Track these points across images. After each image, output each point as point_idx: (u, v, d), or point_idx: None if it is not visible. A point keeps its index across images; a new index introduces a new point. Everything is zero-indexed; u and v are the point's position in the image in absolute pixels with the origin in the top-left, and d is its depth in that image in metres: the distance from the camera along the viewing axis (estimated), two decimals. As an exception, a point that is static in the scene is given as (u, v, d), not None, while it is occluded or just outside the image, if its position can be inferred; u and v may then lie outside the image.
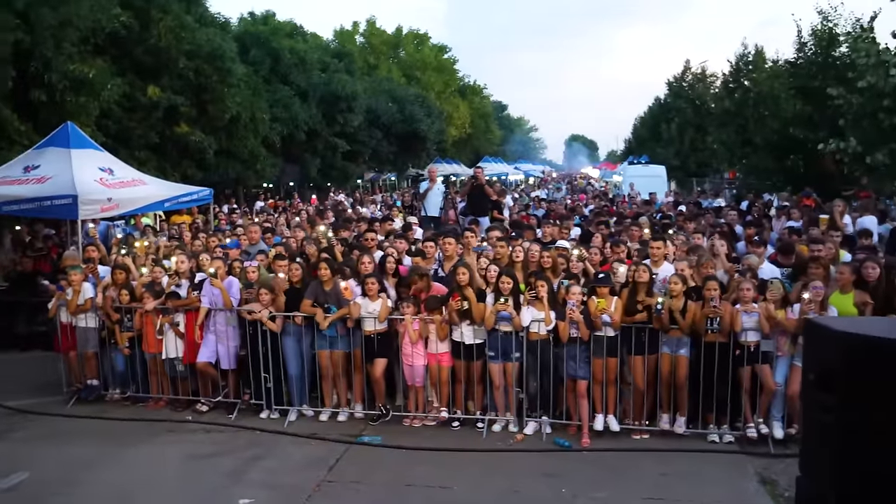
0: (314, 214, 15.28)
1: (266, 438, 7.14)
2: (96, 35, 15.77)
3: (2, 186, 10.51)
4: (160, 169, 17.81)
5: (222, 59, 20.56)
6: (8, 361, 10.18)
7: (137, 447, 6.96)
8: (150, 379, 8.10)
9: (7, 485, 6.07)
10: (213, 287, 7.65)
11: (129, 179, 11.80)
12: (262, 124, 24.01)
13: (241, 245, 9.61)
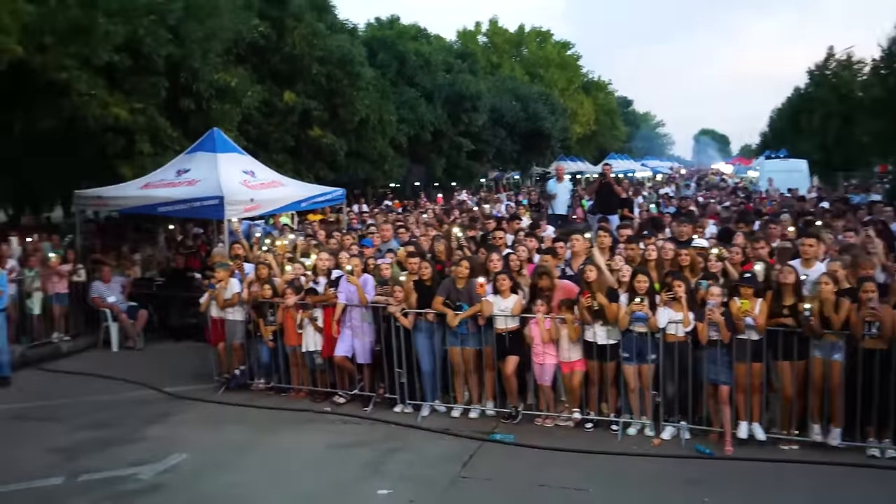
0: (441, 213, 15.50)
1: (401, 432, 7.31)
2: (238, 46, 16.75)
3: (158, 189, 11.38)
4: (295, 170, 18.67)
5: (352, 64, 21.28)
6: (163, 351, 10.99)
7: (282, 434, 7.32)
8: (292, 370, 8.49)
9: (166, 465, 6.55)
10: (350, 284, 7.91)
11: (268, 181, 12.44)
12: (390, 126, 24.64)
13: (374, 243, 9.89)
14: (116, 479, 6.26)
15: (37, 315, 10.75)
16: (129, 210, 12.41)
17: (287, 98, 19.10)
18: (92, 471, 6.45)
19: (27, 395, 8.82)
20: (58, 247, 11.88)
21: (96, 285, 11.19)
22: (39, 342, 10.74)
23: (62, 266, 10.97)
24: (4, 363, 9.34)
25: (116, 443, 7.17)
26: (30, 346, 10.55)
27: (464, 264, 7.69)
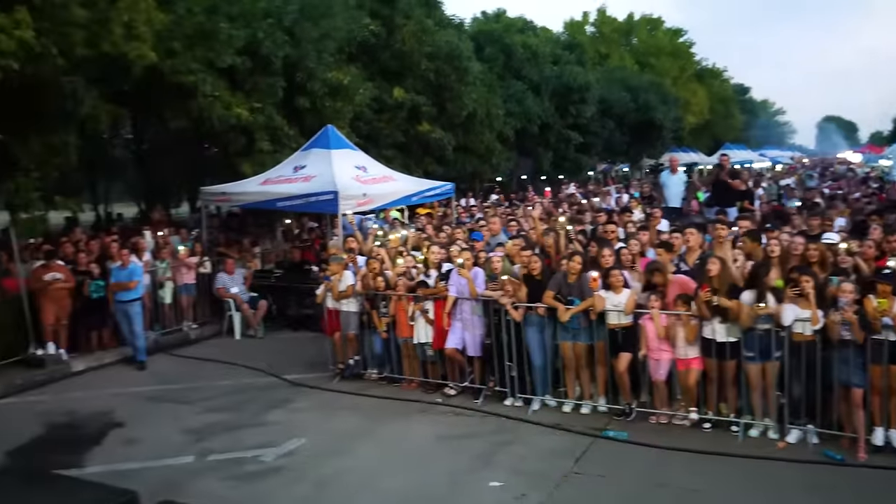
0: (550, 206, 15.35)
1: (511, 425, 7.31)
2: (349, 45, 17.18)
3: (276, 185, 11.88)
4: (405, 165, 18.98)
5: (459, 59, 21.38)
6: (282, 340, 11.46)
7: (394, 424, 7.48)
8: (404, 361, 8.65)
9: (286, 449, 6.84)
10: (461, 277, 7.97)
11: (380, 176, 12.73)
12: (497, 119, 24.61)
13: (484, 237, 9.92)
14: (241, 461, 6.60)
15: (168, 304, 11.46)
16: (250, 205, 13.02)
17: (397, 94, 19.43)
18: (219, 451, 6.83)
19: (160, 379, 9.43)
20: (186, 240, 12.60)
21: (221, 277, 11.81)
22: (170, 329, 11.46)
23: (190, 258, 11.65)
24: (141, 348, 10.03)
25: (240, 426, 7.55)
26: (162, 333, 11.26)
27: (576, 259, 7.60)
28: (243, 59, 13.16)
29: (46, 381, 9.38)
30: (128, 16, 9.62)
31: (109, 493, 4.69)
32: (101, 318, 10.44)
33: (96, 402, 8.47)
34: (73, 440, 7.35)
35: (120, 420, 7.86)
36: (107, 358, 10.30)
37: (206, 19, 12.31)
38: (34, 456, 6.97)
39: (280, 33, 13.88)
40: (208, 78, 12.49)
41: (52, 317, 9.82)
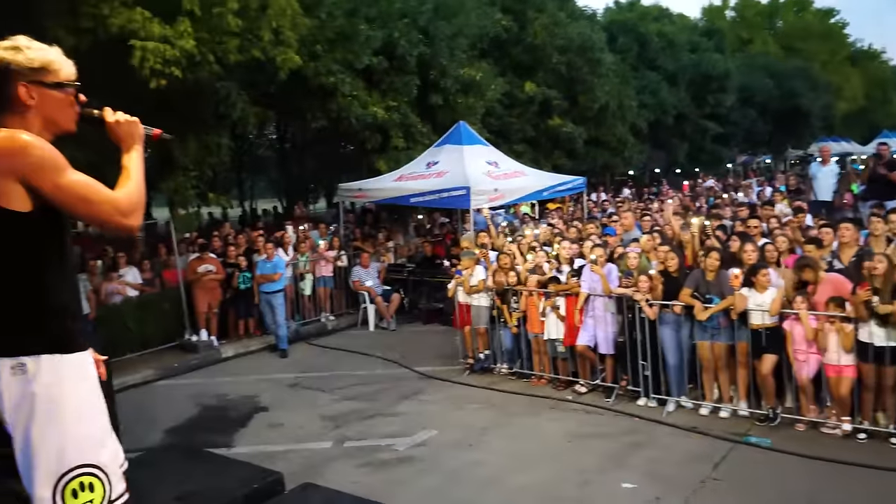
0: (687, 201, 14.78)
1: (644, 426, 7.12)
2: (481, 40, 17.29)
3: (410, 181, 12.16)
4: (534, 160, 18.88)
5: (592, 51, 21.00)
6: (413, 332, 11.73)
7: (524, 419, 7.47)
8: (534, 357, 8.62)
9: (418, 439, 7.00)
10: (594, 273, 7.84)
11: (511, 171, 12.75)
12: (630, 111, 23.98)
13: (617, 232, 9.70)
14: (375, 448, 6.81)
15: (307, 296, 12.02)
16: (385, 201, 13.41)
17: (528, 89, 19.37)
18: (354, 438, 7.09)
19: (300, 367, 9.92)
20: (324, 235, 13.16)
21: (356, 270, 12.25)
22: (309, 320, 12.01)
23: (329, 252, 12.16)
24: (283, 337, 10.59)
25: (374, 415, 7.80)
26: (302, 323, 11.83)
27: (713, 255, 7.28)
28: (380, 59, 13.56)
29: (199, 365, 10.12)
30: (276, 23, 10.16)
31: (257, 472, 5.00)
32: (248, 308, 11.13)
33: (243, 387, 9.03)
34: (223, 421, 7.87)
35: (264, 404, 8.34)
36: (252, 345, 10.97)
37: (347, 22, 12.79)
38: (190, 434, 7.52)
39: (415, 32, 14.19)
40: (347, 78, 12.97)
41: (205, 306, 10.58)
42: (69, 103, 2.49)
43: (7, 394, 2.36)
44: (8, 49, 2.36)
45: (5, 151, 2.26)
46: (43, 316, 2.42)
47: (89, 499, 2.42)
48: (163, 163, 11.05)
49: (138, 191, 2.49)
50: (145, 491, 4.46)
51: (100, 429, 2.51)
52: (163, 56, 8.61)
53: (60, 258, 2.50)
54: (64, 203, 2.35)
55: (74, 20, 8.50)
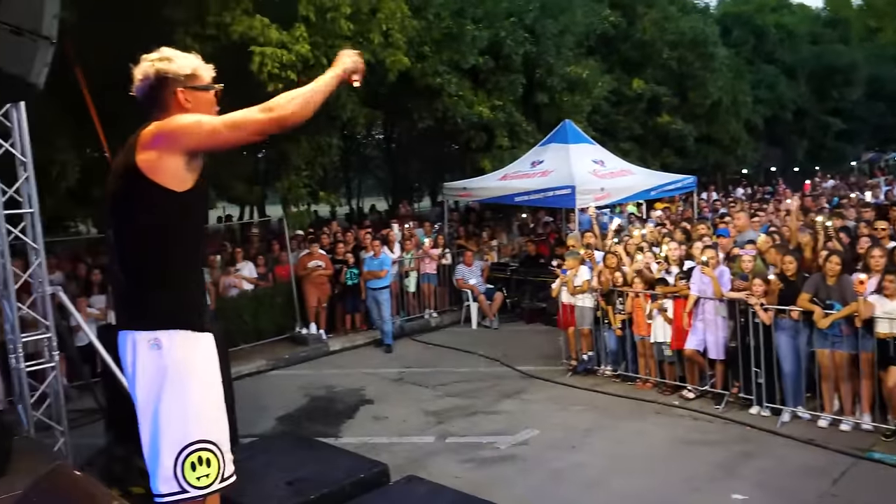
0: (808, 201, 14.03)
1: (756, 436, 6.82)
2: (588, 38, 17.06)
3: (514, 180, 12.17)
4: (641, 158, 18.47)
5: (704, 45, 20.32)
6: (515, 331, 11.71)
7: (628, 423, 7.32)
8: (639, 360, 8.43)
9: (520, 438, 6.99)
10: (704, 275, 7.58)
11: (618, 170, 12.52)
12: (745, 107, 23.07)
13: (731, 233, 9.34)
14: (477, 445, 6.86)
15: (412, 293, 12.23)
16: (489, 200, 13.46)
17: (636, 86, 18.96)
18: (456, 434, 7.16)
19: (404, 362, 10.11)
20: (429, 233, 13.35)
21: (460, 268, 12.35)
22: (413, 316, 12.21)
23: (433, 250, 12.32)
24: (388, 332, 10.82)
25: (476, 412, 7.84)
26: (406, 319, 12.05)
27: (834, 259, 6.88)
28: (486, 59, 13.64)
29: (308, 357, 10.49)
30: (386, 25, 10.42)
31: (364, 463, 5.15)
32: (355, 303, 11.45)
33: (349, 380, 9.30)
34: (331, 412, 8.14)
35: (370, 397, 8.56)
36: (358, 339, 11.27)
37: (454, 23, 12.93)
38: (300, 423, 7.82)
39: (521, 31, 14.18)
40: (453, 78, 13.12)
41: (315, 300, 10.97)
42: (213, 102, 2.74)
43: (141, 367, 2.58)
44: (162, 60, 2.64)
45: (160, 129, 2.53)
46: (182, 294, 2.65)
47: (205, 473, 2.59)
48: (278, 162, 11.54)
49: (298, 94, 2.56)
50: (259, 474, 4.69)
51: (217, 408, 2.69)
52: (280, 60, 9.01)
53: (198, 242, 2.75)
54: (217, 138, 2.52)
55: (201, 28, 9.03)
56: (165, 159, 2.49)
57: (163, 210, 2.55)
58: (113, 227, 2.70)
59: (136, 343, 2.59)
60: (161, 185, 2.50)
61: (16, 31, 4.14)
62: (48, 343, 5.77)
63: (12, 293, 5.49)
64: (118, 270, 2.69)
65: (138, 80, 2.65)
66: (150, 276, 2.62)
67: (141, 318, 2.61)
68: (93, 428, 6.87)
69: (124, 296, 2.72)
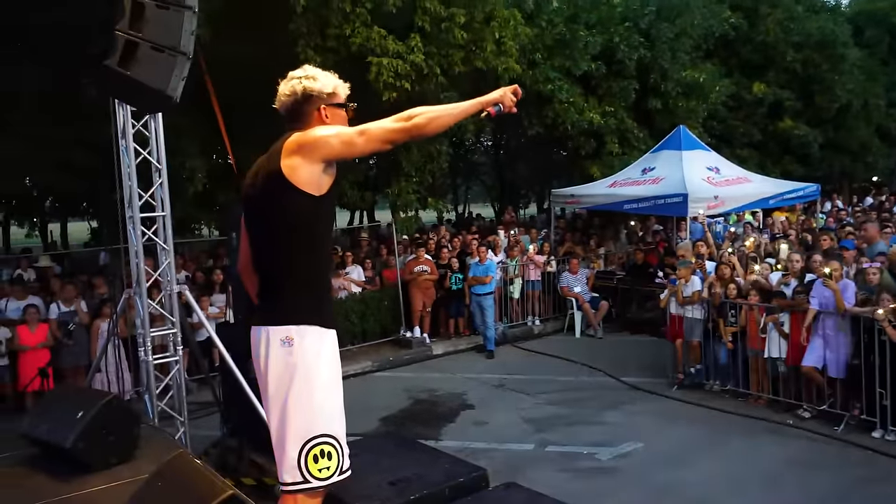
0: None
1: (879, 461, 6.40)
2: (707, 40, 16.51)
3: (625, 187, 11.96)
4: (760, 165, 17.69)
5: (833, 46, 19.22)
6: (620, 342, 11.49)
7: (738, 440, 7.04)
8: (751, 375, 8.09)
9: (622, 451, 6.87)
10: (826, 288, 7.20)
11: (734, 177, 12.07)
12: (877, 111, 21.65)
13: (857, 245, 8.81)
14: (577, 455, 6.79)
15: (515, 299, 12.23)
16: (598, 207, 13.29)
17: (756, 89, 18.18)
18: (556, 444, 7.12)
19: (506, 368, 10.13)
20: (535, 240, 13.31)
21: (565, 276, 12.24)
22: (516, 323, 12.20)
23: (538, 257, 12.28)
24: (490, 338, 10.88)
25: (577, 422, 7.76)
26: (509, 325, 12.06)
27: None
28: (598, 65, 13.48)
29: (412, 360, 10.70)
30: (499, 33, 10.52)
31: (464, 466, 5.21)
32: (459, 308, 11.57)
33: (451, 384, 9.42)
34: (432, 415, 8.28)
35: (471, 402, 8.63)
36: (461, 344, 11.39)
37: (566, 29, 12.87)
38: (402, 424, 8.00)
39: (636, 36, 13.94)
40: (565, 85, 13.05)
41: (420, 304, 11.17)
42: (347, 119, 2.94)
43: (273, 363, 2.79)
44: (308, 78, 2.85)
45: (304, 139, 2.73)
46: (313, 292, 2.86)
47: (326, 465, 2.76)
48: (389, 169, 11.86)
49: (436, 109, 2.71)
50: (363, 473, 4.85)
51: (339, 404, 2.86)
52: (395, 70, 9.28)
53: (328, 243, 2.98)
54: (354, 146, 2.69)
55: (321, 40, 9.44)
56: (306, 166, 2.69)
57: (301, 213, 2.74)
58: (251, 228, 2.94)
59: (269, 339, 2.79)
60: (301, 189, 2.70)
61: (157, 47, 4.50)
62: (173, 338, 6.18)
63: (144, 291, 5.92)
64: (255, 269, 2.94)
65: (285, 96, 2.86)
66: (285, 275, 2.82)
67: (275, 314, 2.81)
68: (209, 420, 7.33)
69: (259, 293, 2.93)
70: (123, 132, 5.73)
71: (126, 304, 6.38)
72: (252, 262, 2.95)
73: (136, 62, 4.46)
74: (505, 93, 2.84)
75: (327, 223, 2.91)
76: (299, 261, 2.79)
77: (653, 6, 14.79)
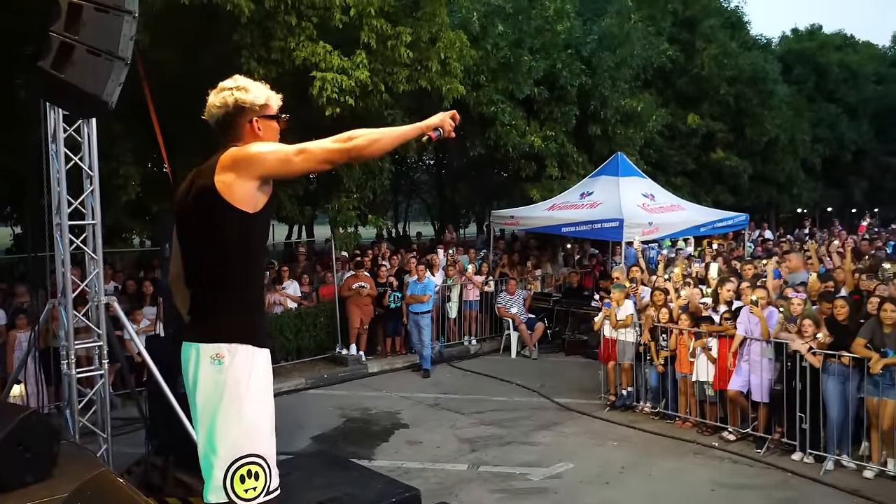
0: (862, 243, 13.66)
1: (798, 483, 6.63)
2: (645, 71, 17.02)
3: (563, 210, 12.18)
4: (693, 194, 18.27)
5: (764, 82, 20.11)
6: (555, 363, 11.63)
7: (666, 462, 7.19)
8: (680, 398, 8.29)
9: (553, 471, 6.93)
10: (752, 315, 7.45)
11: (668, 205, 12.43)
12: (803, 146, 22.68)
13: (782, 274, 9.17)
14: (510, 476, 6.82)
15: (452, 319, 12.26)
16: (536, 229, 13.49)
17: (690, 120, 18.83)
18: (489, 464, 7.13)
19: (441, 388, 10.12)
20: (474, 260, 13.40)
21: (502, 296, 12.35)
22: (453, 342, 12.24)
23: (476, 277, 12.36)
24: (427, 357, 10.86)
25: (510, 442, 7.80)
26: (445, 345, 12.07)
27: (888, 307, 6.69)
28: (541, 90, 13.73)
29: (347, 378, 10.59)
30: (444, 54, 10.61)
31: (396, 487, 5.17)
32: (396, 327, 11.54)
33: (386, 403, 9.36)
34: (366, 434, 8.19)
35: (405, 421, 8.59)
36: (397, 363, 11.34)
37: (511, 53, 13.07)
38: (335, 443, 7.89)
39: (578, 63, 14.26)
40: (507, 108, 13.24)
41: (357, 321, 11.10)
42: (278, 130, 2.90)
43: (202, 380, 2.71)
44: (239, 90, 2.79)
45: (240, 155, 2.67)
46: (245, 310, 2.79)
47: (253, 486, 2.70)
48: (329, 184, 11.77)
49: (375, 132, 2.69)
50: (294, 492, 4.76)
51: (269, 423, 2.80)
52: (339, 86, 9.24)
53: (262, 261, 2.92)
54: (290, 166, 2.65)
55: (266, 52, 9.34)
56: (240, 183, 2.63)
57: (234, 230, 2.68)
58: (183, 242, 2.86)
59: (199, 355, 2.72)
60: (235, 206, 2.64)
61: (94, 51, 4.37)
62: (99, 351, 5.97)
63: (70, 301, 5.71)
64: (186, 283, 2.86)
65: (216, 108, 2.79)
66: (217, 291, 2.75)
67: (206, 330, 2.74)
68: (134, 437, 7.08)
69: (191, 308, 2.85)
70: (54, 136, 5.54)
71: (49, 314, 6.13)
72: (183, 276, 2.87)
73: (71, 65, 4.33)
74: (444, 118, 2.86)
75: (261, 240, 2.85)
76: (232, 278, 2.74)
77: (595, 35, 15.17)
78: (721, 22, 20.80)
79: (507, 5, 13.44)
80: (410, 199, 27.93)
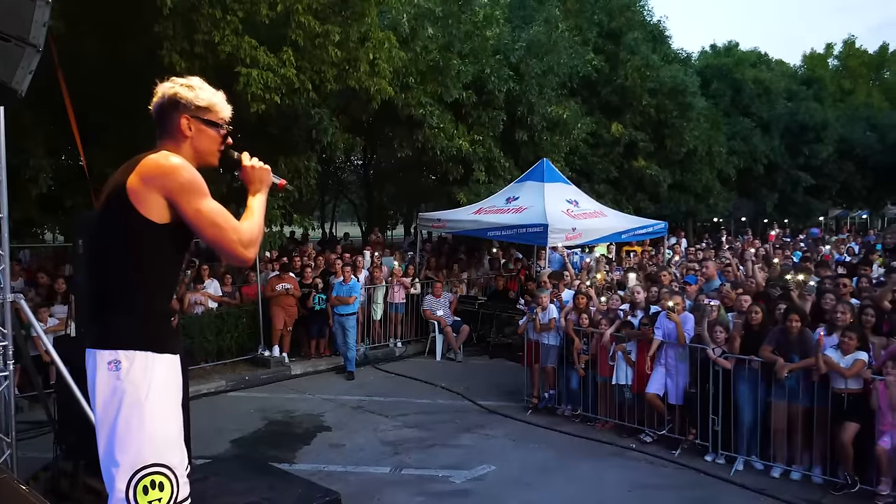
0: (773, 252, 14.31)
1: (710, 483, 6.87)
2: (572, 79, 17.37)
3: (489, 214, 12.28)
4: (615, 201, 18.76)
5: (683, 94, 20.79)
6: (479, 366, 11.71)
7: (585, 463, 7.34)
8: (600, 401, 8.48)
9: (475, 473, 6.97)
10: (669, 320, 7.69)
11: (591, 211, 12.69)
12: (719, 158, 23.60)
13: (699, 281, 9.49)
14: (432, 478, 6.83)
15: (378, 320, 12.21)
16: (463, 232, 13.55)
17: (614, 130, 19.31)
18: (412, 466, 7.12)
19: (365, 390, 10.05)
20: (401, 262, 13.37)
21: (428, 299, 12.36)
22: (378, 345, 12.18)
23: (403, 279, 12.33)
24: (351, 360, 10.77)
25: (433, 444, 7.81)
26: (370, 347, 12.01)
27: (793, 317, 7.02)
28: (469, 94, 13.82)
29: (269, 379, 10.40)
30: (373, 54, 10.55)
31: (317, 490, 5.10)
32: (320, 328, 11.39)
33: (309, 405, 9.23)
34: (287, 437, 8.05)
35: (328, 424, 8.49)
36: (321, 365, 11.21)
37: (441, 56, 13.11)
38: (255, 446, 7.73)
39: (506, 69, 14.42)
40: (436, 111, 13.26)
41: (281, 323, 10.90)
42: (218, 142, 2.81)
43: (100, 387, 2.57)
44: (184, 87, 2.73)
45: (159, 170, 2.57)
46: (146, 315, 2.67)
47: (158, 497, 2.57)
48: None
49: (258, 229, 2.75)
50: (211, 498, 4.62)
51: (175, 431, 2.68)
52: (265, 83, 9.06)
53: (173, 267, 2.78)
54: (197, 224, 2.60)
55: (189, 45, 9.05)
56: (152, 194, 2.54)
57: (136, 236, 2.57)
58: (88, 241, 2.73)
59: (96, 362, 2.59)
60: (141, 213, 2.54)
61: (3, 37, 4.15)
62: (4, 351, 5.66)
63: (-29, 298, 5.39)
64: (85, 285, 2.72)
65: (156, 97, 2.73)
66: (114, 297, 2.63)
67: (102, 337, 2.61)
68: (41, 441, 6.75)
69: (90, 312, 2.74)
70: (-43, 125, 5.23)
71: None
72: (84, 277, 2.76)
73: (-23, 51, 4.10)
74: (264, 172, 2.90)
75: (168, 251, 2.69)
76: (133, 283, 2.62)
77: (523, 42, 15.38)
78: (644, 35, 21.43)
79: (437, 9, 13.48)
80: (338, 199, 27.65)
